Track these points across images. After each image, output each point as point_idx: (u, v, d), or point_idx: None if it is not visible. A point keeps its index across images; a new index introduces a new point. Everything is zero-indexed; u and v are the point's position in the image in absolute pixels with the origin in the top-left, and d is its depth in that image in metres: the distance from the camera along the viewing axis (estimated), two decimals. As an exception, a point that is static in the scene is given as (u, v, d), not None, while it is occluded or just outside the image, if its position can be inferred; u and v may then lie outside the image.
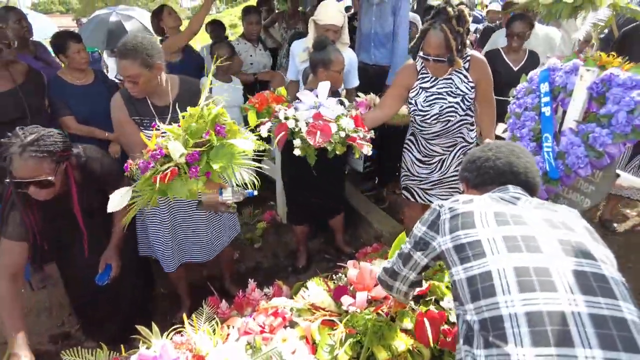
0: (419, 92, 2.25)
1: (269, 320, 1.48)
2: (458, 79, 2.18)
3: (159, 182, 1.51)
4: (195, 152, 1.57)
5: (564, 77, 1.66)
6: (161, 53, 1.88)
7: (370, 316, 1.40)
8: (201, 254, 2.32)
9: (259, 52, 3.72)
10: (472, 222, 1.05)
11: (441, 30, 1.96)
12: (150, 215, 2.20)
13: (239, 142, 1.66)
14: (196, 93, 1.96)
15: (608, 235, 3.07)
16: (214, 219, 2.29)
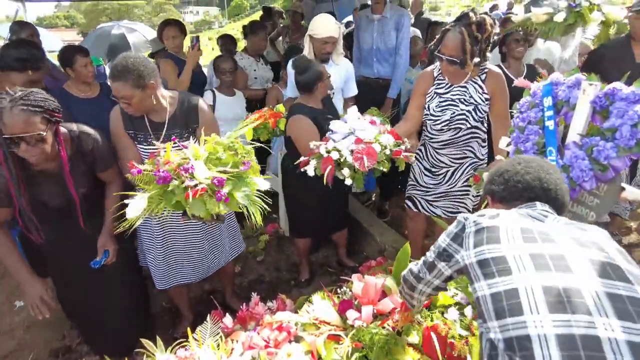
0: (433, 96, 2.27)
1: (274, 334, 1.46)
2: (473, 88, 2.20)
3: (190, 197, 1.56)
4: (222, 178, 1.63)
5: (567, 91, 1.67)
6: (155, 72, 1.87)
7: (377, 330, 1.39)
8: (194, 274, 2.29)
9: (261, 66, 3.76)
10: (497, 237, 1.01)
11: (460, 32, 1.99)
12: (143, 230, 2.20)
13: (259, 180, 1.78)
14: (192, 109, 2.02)
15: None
16: (211, 244, 2.27)
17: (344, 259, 3.06)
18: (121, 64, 1.79)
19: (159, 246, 2.18)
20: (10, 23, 3.59)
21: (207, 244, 2.27)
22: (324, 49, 2.72)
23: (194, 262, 2.26)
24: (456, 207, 2.43)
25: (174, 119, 1.97)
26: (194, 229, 2.20)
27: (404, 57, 3.47)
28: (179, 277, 2.29)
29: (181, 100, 2.03)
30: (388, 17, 3.45)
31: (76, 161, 1.88)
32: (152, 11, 41.51)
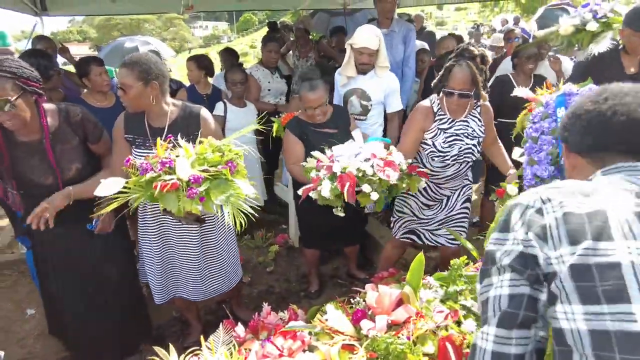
0: (437, 133, 2.24)
1: (288, 343, 1.45)
2: (473, 122, 2.27)
3: (158, 190, 1.57)
4: (200, 176, 1.62)
5: (581, 102, 1.68)
6: (164, 77, 1.93)
7: (392, 340, 1.37)
8: (193, 293, 2.26)
9: (276, 79, 3.81)
10: (606, 229, 0.66)
11: (467, 66, 2.04)
12: (143, 242, 2.21)
13: (242, 184, 1.73)
14: (193, 117, 2.05)
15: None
16: (208, 257, 2.24)
17: (354, 271, 3.04)
18: (135, 55, 1.91)
19: (157, 261, 2.18)
20: (27, 37, 3.71)
21: (204, 264, 2.23)
22: (360, 59, 2.76)
23: (191, 280, 2.23)
24: (458, 232, 2.40)
25: (174, 126, 1.99)
26: (191, 245, 2.18)
27: (412, 69, 3.52)
28: (177, 292, 2.27)
29: (183, 108, 2.06)
30: (396, 32, 3.50)
31: (65, 134, 1.93)
32: (163, 26, 42.29)
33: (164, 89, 1.96)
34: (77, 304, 2.16)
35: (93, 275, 2.15)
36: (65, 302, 2.18)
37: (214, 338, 1.62)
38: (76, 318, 2.19)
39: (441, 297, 1.61)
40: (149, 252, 2.20)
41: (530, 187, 1.71)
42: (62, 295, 2.17)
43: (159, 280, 2.21)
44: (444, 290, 1.64)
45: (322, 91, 2.44)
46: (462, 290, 1.62)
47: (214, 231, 2.23)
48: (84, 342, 2.25)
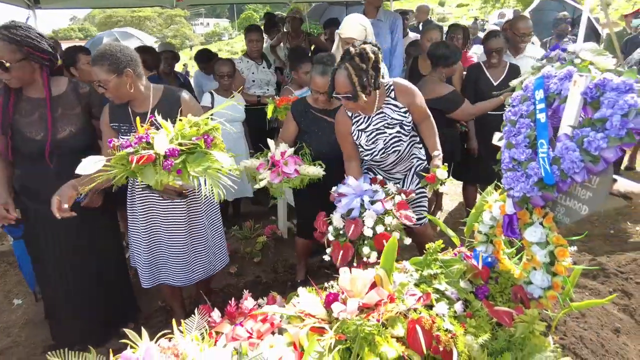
0: (359, 135, 2.30)
1: (257, 326, 1.45)
2: (389, 109, 2.25)
3: (134, 163, 1.60)
4: (176, 148, 1.65)
5: (559, 84, 1.65)
6: (134, 61, 1.95)
7: (361, 322, 1.36)
8: (179, 278, 2.28)
9: (262, 69, 3.79)
10: None
11: (344, 68, 2.04)
12: (131, 226, 2.25)
13: (219, 155, 1.75)
14: (175, 102, 2.07)
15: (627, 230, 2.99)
16: (194, 242, 2.26)
17: (340, 261, 3.03)
18: (100, 49, 1.91)
19: (144, 244, 2.21)
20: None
21: (190, 247, 2.24)
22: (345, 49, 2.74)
23: (177, 264, 2.24)
24: (419, 212, 2.42)
25: (157, 110, 2.00)
26: (178, 228, 2.19)
27: (400, 58, 3.50)
28: (163, 277, 2.29)
29: (165, 93, 2.09)
30: (383, 21, 3.48)
31: (69, 100, 2.11)
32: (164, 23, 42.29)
33: (138, 73, 1.99)
34: (67, 284, 2.26)
35: (81, 255, 2.26)
36: (57, 282, 2.27)
37: (188, 323, 1.62)
38: (67, 299, 2.28)
39: (415, 281, 1.60)
40: (137, 235, 2.24)
41: (508, 170, 1.68)
42: (55, 275, 2.26)
43: (146, 264, 2.25)
44: (419, 274, 1.63)
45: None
46: (437, 274, 1.60)
47: (200, 215, 2.25)
48: (72, 321, 2.33)
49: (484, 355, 1.36)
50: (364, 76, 2.06)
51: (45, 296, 2.45)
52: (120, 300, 2.51)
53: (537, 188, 1.57)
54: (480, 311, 1.48)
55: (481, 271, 1.64)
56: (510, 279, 1.67)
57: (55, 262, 2.24)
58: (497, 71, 3.20)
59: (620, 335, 2.03)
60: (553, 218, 1.63)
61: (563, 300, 1.78)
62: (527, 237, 1.61)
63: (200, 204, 2.23)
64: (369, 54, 2.06)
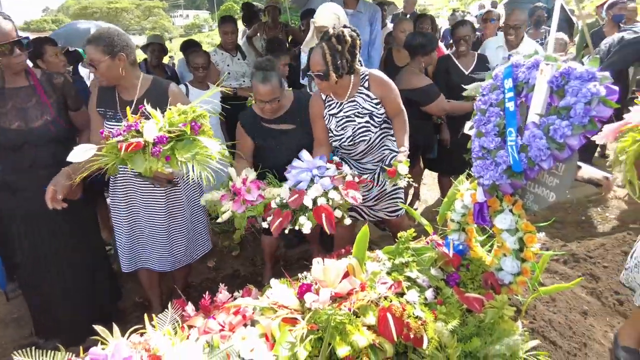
0: (329, 119, 2.32)
1: (229, 318, 1.44)
2: (361, 99, 2.26)
3: (123, 150, 1.63)
4: (164, 135, 1.67)
5: (527, 73, 1.67)
6: (129, 47, 2.00)
7: (332, 311, 1.37)
8: (160, 263, 2.30)
9: (236, 61, 3.74)
10: None
11: (320, 47, 2.07)
12: (113, 210, 2.27)
13: (207, 141, 1.78)
14: (163, 93, 2.10)
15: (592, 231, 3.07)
16: (174, 227, 2.28)
17: (315, 252, 3.03)
18: (98, 30, 2.00)
19: (125, 227, 2.23)
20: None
21: (170, 231, 2.26)
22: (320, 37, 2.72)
23: (158, 248, 2.26)
24: (394, 204, 2.44)
25: (144, 99, 2.02)
26: (157, 211, 2.21)
27: (379, 49, 3.49)
28: (143, 261, 2.31)
29: (154, 83, 2.12)
30: (362, 12, 3.47)
31: (44, 87, 2.11)
32: (142, 15, 41.32)
33: (131, 60, 2.04)
34: (49, 279, 2.26)
35: (62, 250, 2.26)
36: (40, 278, 2.27)
37: (161, 317, 1.60)
38: (50, 294, 2.29)
39: (388, 270, 1.61)
40: (118, 218, 2.26)
41: (478, 159, 1.71)
42: (38, 272, 2.26)
43: (127, 248, 2.28)
44: (392, 262, 1.65)
45: (275, 84, 2.28)
46: (408, 263, 1.62)
47: (180, 199, 2.26)
48: (55, 317, 2.34)
49: (454, 340, 1.38)
50: (338, 57, 2.07)
51: (26, 293, 2.42)
52: (103, 294, 2.50)
53: (505, 176, 1.60)
54: (451, 298, 1.51)
55: (452, 259, 1.66)
56: (481, 266, 1.70)
57: (37, 259, 2.23)
58: (467, 61, 3.25)
59: (587, 317, 2.10)
60: (522, 205, 1.66)
61: (532, 286, 1.82)
62: (497, 224, 1.64)
63: (181, 190, 2.25)
64: (346, 37, 2.08)
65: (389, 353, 1.33)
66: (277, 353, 1.26)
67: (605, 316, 2.19)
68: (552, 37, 3.13)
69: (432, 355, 1.34)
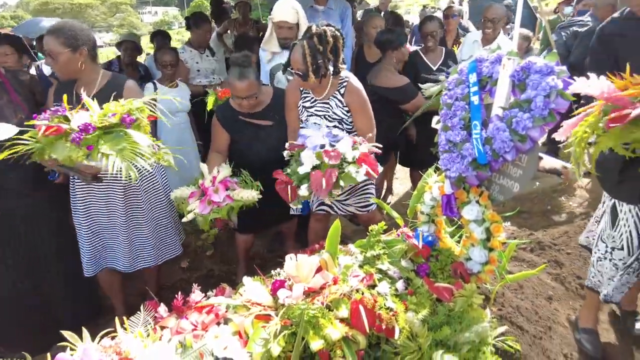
0: (302, 110, 2.32)
1: (202, 317, 1.43)
2: (334, 103, 2.24)
3: (41, 133, 1.59)
4: (90, 124, 1.62)
5: (490, 67, 1.72)
6: (91, 42, 1.97)
7: (306, 306, 1.38)
8: (123, 263, 2.25)
9: (206, 58, 3.69)
10: None
11: (301, 46, 2.05)
12: (74, 213, 2.21)
13: (136, 135, 1.71)
14: (119, 87, 2.06)
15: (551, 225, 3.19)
16: (134, 227, 2.24)
17: (290, 249, 3.04)
18: (61, 22, 2.01)
19: (84, 228, 2.18)
20: None
21: (130, 231, 2.22)
22: (280, 33, 2.71)
23: (119, 248, 2.22)
24: (365, 199, 2.45)
25: (101, 94, 1.98)
26: (115, 210, 2.17)
27: (350, 46, 3.52)
28: (107, 261, 2.27)
29: (112, 79, 2.09)
30: (333, 9, 3.48)
31: (12, 85, 2.10)
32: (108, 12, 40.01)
33: (92, 55, 2.02)
34: (22, 283, 2.24)
35: (36, 253, 2.25)
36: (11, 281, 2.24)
37: (132, 319, 1.57)
38: (21, 298, 2.25)
39: (360, 263, 1.64)
40: (78, 220, 2.21)
41: (444, 152, 1.75)
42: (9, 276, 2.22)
43: (89, 250, 2.23)
44: (363, 255, 1.67)
45: (252, 80, 2.25)
46: (380, 255, 1.65)
47: (139, 200, 2.22)
48: (25, 323, 2.29)
49: (425, 330, 1.41)
50: (318, 57, 2.05)
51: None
52: (79, 298, 2.45)
53: (471, 168, 1.64)
54: (421, 288, 1.54)
55: (422, 250, 1.70)
56: (451, 256, 1.74)
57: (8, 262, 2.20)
58: (435, 56, 3.30)
59: (552, 301, 2.19)
60: (488, 196, 1.71)
61: (500, 274, 1.88)
62: (464, 215, 1.68)
63: (140, 189, 2.20)
64: (328, 37, 2.06)
65: (362, 345, 1.35)
66: (250, 350, 1.27)
67: (568, 300, 2.29)
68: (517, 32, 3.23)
69: (404, 345, 1.37)
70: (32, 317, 2.28)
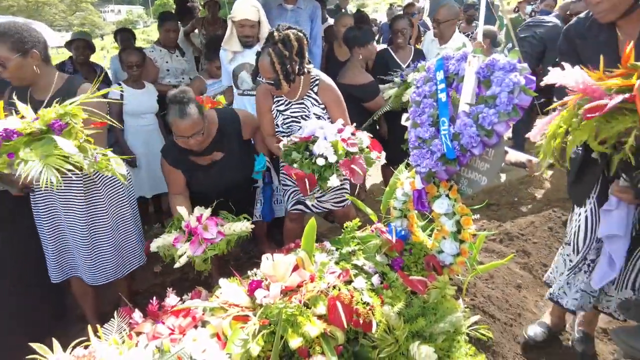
0: (277, 115, 2.32)
1: (179, 321, 1.41)
2: (309, 102, 2.27)
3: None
4: (12, 130, 1.53)
5: (456, 65, 1.77)
6: (41, 43, 1.83)
7: (283, 305, 1.38)
8: (88, 276, 2.18)
9: (175, 58, 3.63)
10: None
11: (267, 54, 2.04)
12: (35, 216, 2.13)
13: (62, 141, 1.61)
14: (74, 92, 1.95)
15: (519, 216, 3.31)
16: (97, 239, 2.16)
17: (265, 249, 3.04)
18: (3, 24, 1.77)
19: (47, 233, 2.11)
20: None
21: (93, 243, 2.14)
22: (241, 32, 2.69)
23: (83, 259, 2.15)
24: (340, 195, 2.47)
25: (56, 98, 1.86)
26: (77, 217, 2.09)
27: (320, 46, 3.53)
28: (73, 270, 2.20)
29: (67, 81, 1.98)
30: (302, 8, 3.48)
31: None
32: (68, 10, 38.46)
33: (45, 56, 1.90)
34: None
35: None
36: None
37: (106, 327, 1.54)
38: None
39: (336, 259, 1.66)
40: (40, 225, 2.13)
41: (414, 148, 1.79)
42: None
43: (54, 256, 2.16)
44: (339, 252, 1.69)
45: (195, 117, 2.07)
46: (355, 251, 1.67)
47: (102, 209, 2.15)
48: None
49: (401, 322, 1.45)
50: (287, 63, 2.04)
51: None
52: (46, 307, 2.37)
53: (440, 163, 1.69)
54: (396, 282, 1.58)
55: (395, 244, 1.73)
56: (423, 250, 1.79)
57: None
58: (405, 54, 3.37)
59: (521, 290, 2.27)
60: (457, 190, 1.76)
61: (471, 265, 1.94)
62: (435, 209, 1.73)
63: (102, 197, 2.13)
64: (292, 41, 2.05)
65: (340, 340, 1.37)
66: (229, 351, 1.26)
67: (536, 287, 2.39)
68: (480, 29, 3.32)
69: (381, 338, 1.40)
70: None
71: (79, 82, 2.02)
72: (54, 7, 36.07)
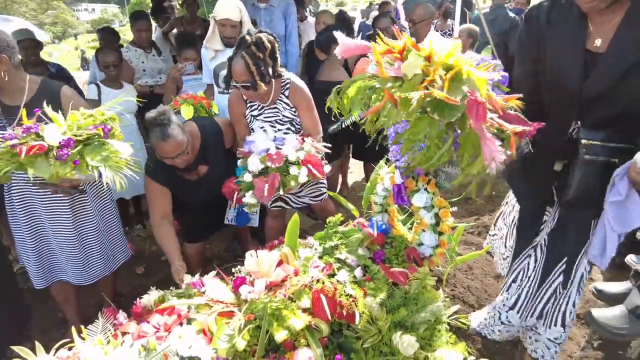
0: (251, 120, 2.33)
1: (164, 319, 1.42)
2: (282, 106, 2.28)
3: (23, 154, 1.51)
4: (71, 138, 1.59)
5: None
6: (10, 48, 1.79)
7: (268, 299, 1.41)
8: (76, 277, 2.16)
9: (151, 57, 3.59)
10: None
11: (241, 57, 2.04)
12: (13, 226, 2.08)
13: (117, 144, 1.70)
14: (55, 97, 1.92)
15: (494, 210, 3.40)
16: (85, 236, 2.15)
17: (248, 248, 3.04)
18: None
19: (29, 241, 2.06)
20: None
21: (82, 241, 2.13)
22: (223, 31, 2.68)
23: (70, 260, 2.12)
24: (317, 189, 2.48)
25: (32, 104, 1.85)
26: (63, 220, 2.06)
27: (296, 44, 3.54)
28: (58, 274, 2.16)
29: (43, 86, 1.94)
30: (275, 6, 3.48)
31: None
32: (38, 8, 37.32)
33: (15, 61, 1.84)
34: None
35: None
36: None
37: (90, 328, 1.53)
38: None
39: (319, 254, 1.69)
40: (20, 233, 2.08)
41: (393, 144, 1.83)
42: None
43: (36, 263, 2.11)
44: (322, 247, 1.72)
45: (178, 137, 2.01)
46: (338, 245, 1.71)
47: (87, 206, 2.13)
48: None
49: (383, 313, 1.49)
50: (261, 65, 2.05)
51: None
52: (12, 315, 2.29)
53: (418, 157, 1.73)
54: (378, 274, 1.62)
55: (377, 238, 1.77)
56: (404, 242, 1.83)
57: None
58: None
59: (499, 280, 2.34)
60: (435, 184, 1.81)
61: (450, 257, 2.00)
62: (414, 202, 1.78)
63: (86, 195, 2.11)
64: (265, 43, 2.06)
65: (324, 332, 1.40)
66: (215, 346, 1.28)
67: (513, 277, 2.46)
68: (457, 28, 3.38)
69: (364, 329, 1.44)
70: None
71: (57, 85, 1.98)
72: (24, 5, 34.93)
